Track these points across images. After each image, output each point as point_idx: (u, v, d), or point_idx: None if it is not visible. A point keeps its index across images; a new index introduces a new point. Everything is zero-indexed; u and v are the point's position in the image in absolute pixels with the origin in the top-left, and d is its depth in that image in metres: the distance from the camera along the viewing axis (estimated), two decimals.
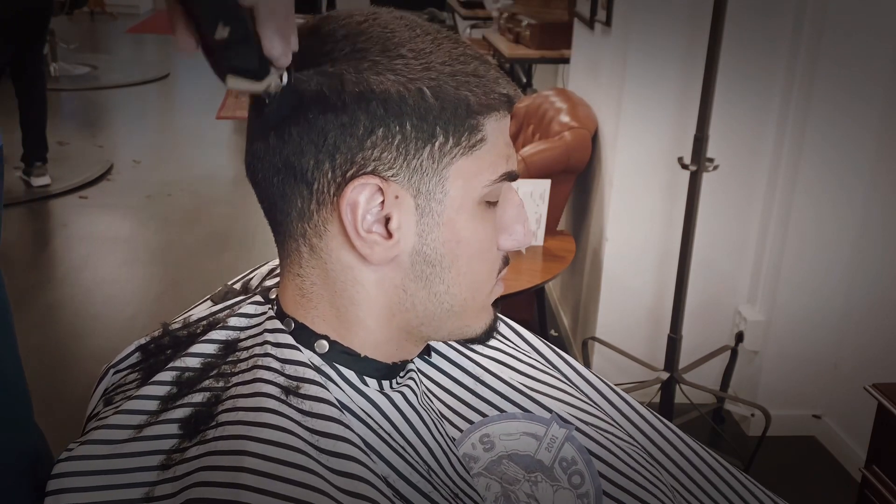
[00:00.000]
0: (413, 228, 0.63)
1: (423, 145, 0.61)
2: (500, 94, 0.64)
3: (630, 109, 2.44)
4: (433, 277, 0.65)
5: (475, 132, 0.63)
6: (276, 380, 0.63)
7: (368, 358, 0.66)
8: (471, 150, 0.63)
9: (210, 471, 0.57)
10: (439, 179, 0.63)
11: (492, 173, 0.65)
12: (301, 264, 0.66)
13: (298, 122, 0.61)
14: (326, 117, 0.60)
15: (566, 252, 2.57)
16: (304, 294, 0.66)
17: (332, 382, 0.64)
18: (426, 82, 0.61)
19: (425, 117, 0.61)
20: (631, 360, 2.55)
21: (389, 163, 0.61)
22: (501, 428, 0.75)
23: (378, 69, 0.60)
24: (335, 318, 0.66)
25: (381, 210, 0.62)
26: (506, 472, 0.73)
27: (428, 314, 0.66)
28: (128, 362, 0.73)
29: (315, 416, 0.61)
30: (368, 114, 0.60)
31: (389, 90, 0.60)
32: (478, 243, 0.66)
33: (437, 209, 0.63)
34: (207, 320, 0.73)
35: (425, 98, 0.61)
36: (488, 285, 0.69)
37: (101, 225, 4.21)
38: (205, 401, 0.64)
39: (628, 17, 2.42)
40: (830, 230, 2.38)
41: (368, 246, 0.62)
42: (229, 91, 4.63)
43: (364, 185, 0.61)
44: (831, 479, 2.39)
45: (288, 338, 0.65)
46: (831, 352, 2.48)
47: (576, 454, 0.77)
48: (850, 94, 2.26)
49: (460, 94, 0.62)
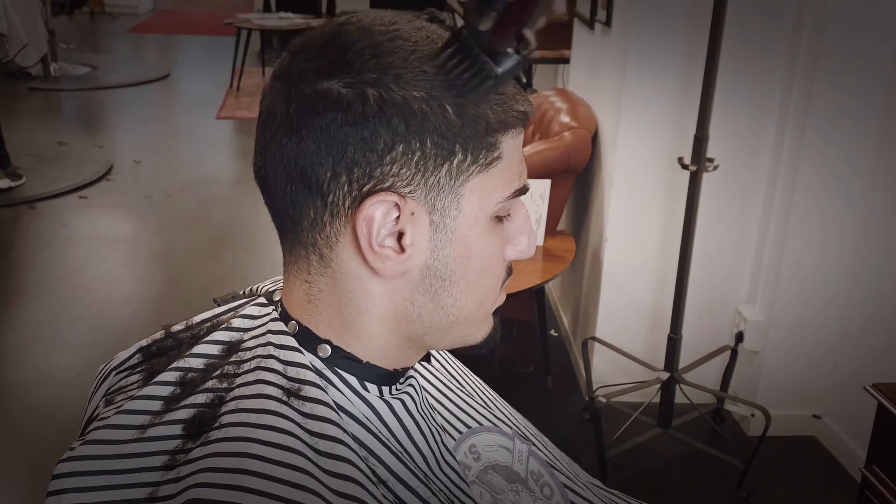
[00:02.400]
0: (426, 244, 0.63)
1: (442, 163, 0.61)
2: (519, 111, 0.64)
3: (630, 109, 2.44)
4: (441, 291, 0.65)
5: (492, 149, 0.63)
6: (278, 381, 0.63)
7: (370, 364, 0.67)
8: (487, 168, 0.63)
9: (212, 472, 0.58)
10: (455, 196, 0.63)
11: (505, 190, 0.65)
12: (310, 271, 0.66)
13: (317, 133, 0.60)
14: (346, 130, 0.59)
15: (566, 252, 2.57)
16: (310, 300, 0.66)
17: (333, 386, 0.65)
18: (448, 99, 0.60)
19: (446, 135, 0.60)
20: (631, 360, 2.55)
21: (407, 179, 0.61)
22: (483, 439, 0.77)
23: (401, 84, 0.60)
24: (340, 324, 0.66)
25: (396, 225, 0.62)
26: (492, 481, 0.74)
27: (433, 325, 0.67)
28: (129, 364, 0.73)
29: (314, 418, 0.61)
30: (390, 129, 0.59)
31: (412, 106, 0.59)
32: (487, 258, 0.66)
33: (450, 225, 0.63)
34: (211, 322, 0.73)
35: (447, 115, 0.60)
36: (493, 296, 0.70)
37: (101, 225, 4.22)
38: (208, 402, 0.64)
39: (628, 17, 2.43)
40: (830, 230, 2.38)
41: (381, 260, 0.62)
42: (229, 91, 4.68)
43: (382, 201, 0.61)
44: (831, 479, 2.39)
45: (291, 340, 0.66)
46: (831, 352, 2.48)
47: (540, 468, 0.80)
48: (850, 94, 2.26)
49: (481, 111, 0.61)
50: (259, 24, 7.12)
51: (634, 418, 2.37)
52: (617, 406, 2.42)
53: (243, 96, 6.73)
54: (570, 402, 2.73)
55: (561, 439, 1.01)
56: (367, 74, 0.60)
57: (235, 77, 6.94)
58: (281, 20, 7.28)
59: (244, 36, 6.92)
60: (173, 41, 9.53)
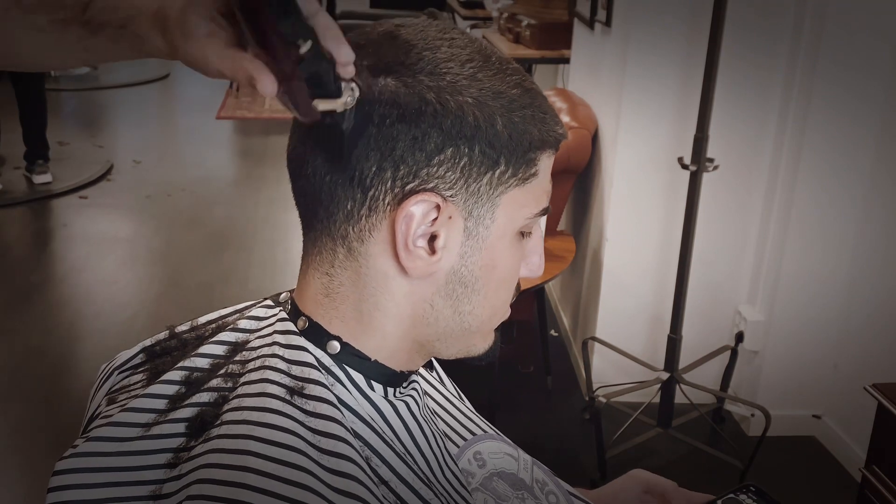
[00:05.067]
0: (457, 249, 0.64)
1: (486, 171, 0.63)
2: (558, 133, 0.66)
3: (630, 109, 2.44)
4: (463, 297, 0.66)
5: (531, 165, 0.65)
6: (281, 380, 0.63)
7: (378, 363, 0.67)
8: (524, 183, 0.65)
9: (213, 468, 0.58)
10: (491, 206, 0.64)
11: (535, 207, 0.67)
12: (334, 264, 0.66)
13: (367, 125, 0.61)
14: (398, 127, 0.60)
15: (566, 252, 2.57)
16: (328, 294, 0.66)
17: (340, 384, 0.65)
18: (499, 111, 0.62)
19: (494, 144, 0.62)
20: (631, 360, 2.55)
21: (451, 183, 0.62)
22: (488, 446, 0.78)
23: (458, 89, 0.61)
24: (355, 320, 0.66)
25: (431, 227, 0.63)
26: (496, 488, 0.75)
27: (447, 331, 0.68)
28: (132, 363, 0.73)
29: (318, 417, 0.61)
30: (442, 132, 0.60)
31: (465, 112, 0.61)
32: (507, 270, 0.68)
33: (483, 234, 0.65)
34: (216, 323, 0.73)
35: (497, 126, 0.62)
36: (504, 309, 0.71)
37: (101, 225, 4.21)
38: (212, 400, 0.64)
39: (628, 17, 2.43)
40: (830, 230, 2.38)
41: (412, 259, 0.63)
42: (229, 91, 4.66)
43: (424, 201, 0.62)
44: (831, 479, 2.39)
45: (297, 339, 0.66)
46: (831, 352, 2.48)
47: (545, 477, 0.81)
48: (850, 94, 2.26)
49: (527, 127, 0.63)
50: None
51: (634, 418, 2.37)
52: (617, 406, 2.42)
53: (243, 96, 6.73)
54: (570, 402, 2.74)
55: (561, 439, 1.02)
56: (424, 76, 0.61)
57: None
58: None
59: None
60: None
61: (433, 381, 0.80)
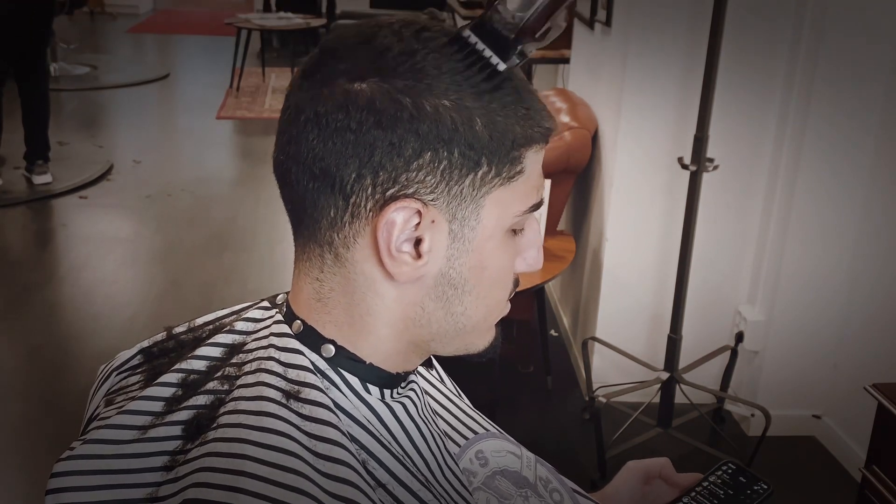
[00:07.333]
0: (443, 252, 0.64)
1: (467, 173, 0.62)
2: (544, 127, 0.65)
3: (630, 109, 2.44)
4: (453, 299, 0.66)
5: (516, 164, 0.64)
6: (277, 384, 0.63)
7: (373, 366, 0.67)
8: (509, 181, 0.64)
9: (209, 472, 0.58)
10: (475, 207, 0.63)
11: (523, 204, 0.66)
12: (322, 269, 0.66)
13: (345, 133, 0.60)
14: (375, 133, 0.60)
15: (566, 252, 2.57)
16: (319, 298, 0.66)
17: (335, 387, 0.65)
18: (479, 111, 0.61)
19: (474, 146, 0.61)
20: (631, 360, 2.55)
21: (431, 187, 0.61)
22: (490, 445, 0.77)
23: (434, 92, 0.60)
24: (347, 324, 0.66)
25: (415, 231, 0.62)
26: (499, 487, 0.74)
27: (441, 331, 0.67)
28: (130, 364, 0.73)
29: (314, 421, 0.61)
30: (419, 136, 0.60)
31: (443, 115, 0.60)
32: (499, 270, 0.67)
33: (469, 236, 0.64)
34: (213, 324, 0.73)
35: (476, 127, 0.61)
36: (501, 307, 0.70)
37: (101, 225, 4.22)
38: (208, 403, 0.64)
39: (628, 17, 2.43)
40: (830, 230, 2.38)
41: (397, 265, 0.63)
42: (229, 91, 4.68)
43: (405, 207, 0.61)
44: (831, 479, 2.39)
45: (292, 342, 0.66)
46: (831, 352, 2.48)
47: (549, 474, 0.80)
48: (850, 94, 2.26)
49: (509, 125, 0.62)
50: (259, 24, 7.12)
51: (634, 418, 2.37)
52: (617, 406, 2.42)
53: (243, 96, 6.73)
54: (570, 402, 2.74)
55: (561, 439, 1.02)
56: (400, 80, 0.60)
57: (235, 77, 6.94)
58: (281, 20, 7.28)
59: (244, 36, 6.92)
60: (173, 41, 9.53)
61: (433, 380, 0.80)
